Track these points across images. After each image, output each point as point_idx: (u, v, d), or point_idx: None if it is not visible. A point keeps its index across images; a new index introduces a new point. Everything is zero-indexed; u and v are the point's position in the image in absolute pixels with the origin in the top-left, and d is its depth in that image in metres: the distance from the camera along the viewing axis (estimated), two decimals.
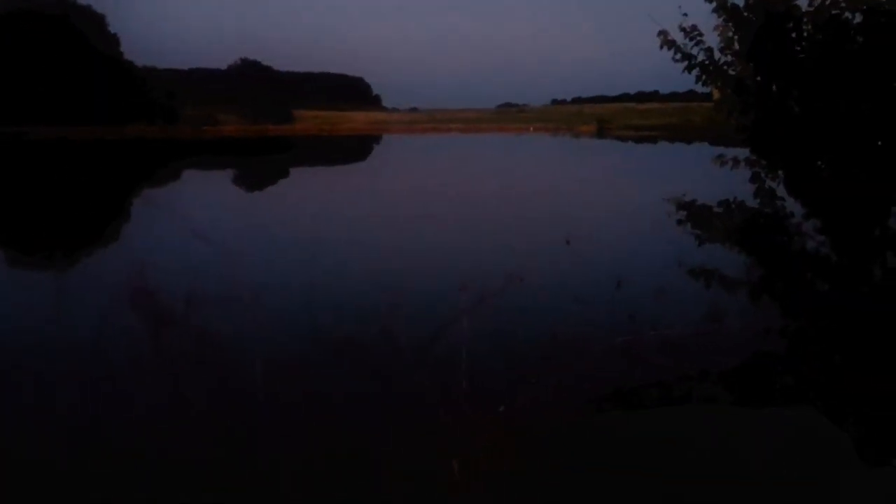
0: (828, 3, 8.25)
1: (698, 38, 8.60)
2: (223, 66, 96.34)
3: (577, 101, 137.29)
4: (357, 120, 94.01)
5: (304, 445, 2.89)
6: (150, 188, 18.11)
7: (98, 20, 66.86)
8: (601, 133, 62.95)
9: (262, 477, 2.70)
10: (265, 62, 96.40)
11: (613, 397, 3.38)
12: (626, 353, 3.52)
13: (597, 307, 4.96)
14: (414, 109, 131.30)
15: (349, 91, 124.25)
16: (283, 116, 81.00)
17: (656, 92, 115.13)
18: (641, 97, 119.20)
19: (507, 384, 3.08)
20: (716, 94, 9.09)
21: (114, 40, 68.11)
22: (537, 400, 3.01)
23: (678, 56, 8.67)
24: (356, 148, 44.30)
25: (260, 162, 32.04)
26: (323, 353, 3.85)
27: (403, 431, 2.82)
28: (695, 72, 8.74)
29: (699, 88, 9.20)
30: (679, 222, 9.73)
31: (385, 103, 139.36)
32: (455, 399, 2.93)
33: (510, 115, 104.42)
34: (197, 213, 11.85)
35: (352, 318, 4.78)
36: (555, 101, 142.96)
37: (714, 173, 9.28)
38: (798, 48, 8.39)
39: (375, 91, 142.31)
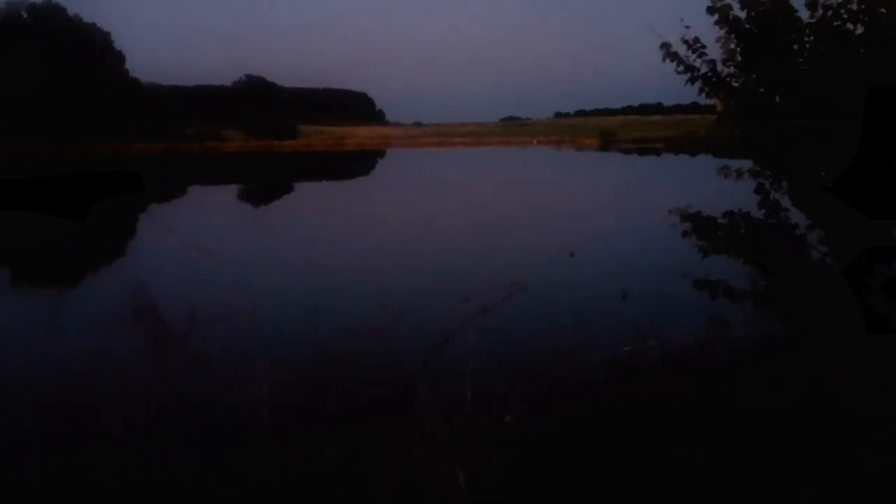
0: (829, 14, 8.28)
1: (701, 50, 8.60)
2: (228, 83, 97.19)
3: (581, 113, 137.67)
4: (362, 135, 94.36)
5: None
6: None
7: (103, 37, 67.48)
8: (605, 146, 63.05)
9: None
10: (270, 78, 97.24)
11: (617, 404, 3.41)
12: (631, 361, 3.56)
13: (603, 316, 4.99)
14: (418, 124, 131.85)
15: (353, 106, 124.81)
16: (288, 132, 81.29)
17: (660, 104, 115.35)
18: (645, 109, 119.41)
19: (515, 389, 3.13)
20: (719, 106, 9.09)
21: (119, 57, 68.71)
22: (543, 405, 3.06)
23: (681, 68, 8.67)
24: (372, 163, 44.59)
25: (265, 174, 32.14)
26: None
27: (414, 434, 2.86)
28: (697, 84, 8.73)
29: (702, 100, 9.20)
30: (684, 234, 9.72)
31: (389, 118, 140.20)
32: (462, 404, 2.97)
33: (514, 129, 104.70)
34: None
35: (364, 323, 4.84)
36: (558, 115, 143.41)
37: (718, 185, 9.28)
38: (800, 60, 8.42)
39: (379, 106, 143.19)
